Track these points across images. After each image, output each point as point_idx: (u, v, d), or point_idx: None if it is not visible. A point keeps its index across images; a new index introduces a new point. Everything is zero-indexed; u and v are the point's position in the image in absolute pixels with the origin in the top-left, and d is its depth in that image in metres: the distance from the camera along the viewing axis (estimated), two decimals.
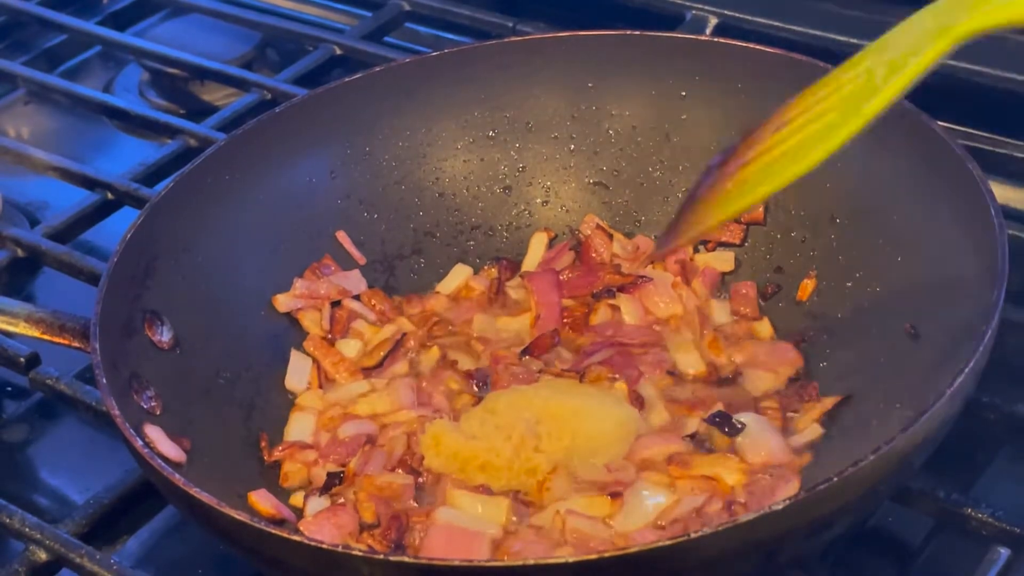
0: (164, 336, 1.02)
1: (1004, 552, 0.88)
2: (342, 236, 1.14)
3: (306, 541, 0.80)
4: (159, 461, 0.86)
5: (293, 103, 1.15)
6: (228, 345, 1.05)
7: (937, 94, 1.25)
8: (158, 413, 0.96)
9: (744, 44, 1.12)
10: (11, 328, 1.03)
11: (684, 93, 1.14)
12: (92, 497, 0.98)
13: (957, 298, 0.92)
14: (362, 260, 1.14)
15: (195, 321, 1.04)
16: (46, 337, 1.04)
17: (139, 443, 0.87)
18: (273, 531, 0.80)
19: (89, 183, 1.29)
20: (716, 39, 1.18)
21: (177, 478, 0.84)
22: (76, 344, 0.98)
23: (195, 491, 0.83)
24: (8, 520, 0.96)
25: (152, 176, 1.29)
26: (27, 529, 0.96)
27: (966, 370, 0.82)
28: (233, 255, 1.09)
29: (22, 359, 1.10)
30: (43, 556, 0.95)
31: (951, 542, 0.93)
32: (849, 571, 0.92)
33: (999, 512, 0.90)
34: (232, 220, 1.10)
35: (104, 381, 0.91)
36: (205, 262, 1.07)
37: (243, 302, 1.08)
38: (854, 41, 1.31)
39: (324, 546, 0.79)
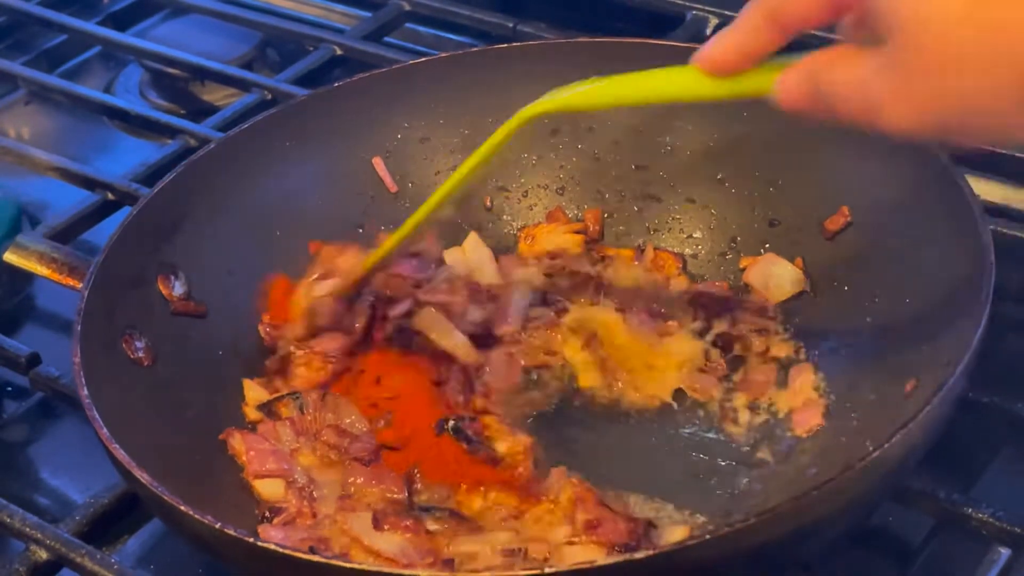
0: (177, 290, 1.03)
1: (1004, 552, 0.88)
2: (377, 162, 1.14)
3: (266, 546, 0.78)
4: (114, 444, 0.86)
5: (366, 77, 1.15)
6: (235, 320, 1.06)
7: None
8: (146, 364, 0.98)
9: None
10: (24, 264, 1.03)
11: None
12: (92, 497, 0.98)
13: (948, 298, 0.92)
14: (394, 188, 1.14)
15: (210, 287, 1.04)
16: (55, 277, 1.05)
17: (84, 391, 0.89)
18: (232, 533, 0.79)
19: (89, 183, 1.29)
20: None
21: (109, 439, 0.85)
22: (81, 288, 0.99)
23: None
24: (8, 520, 0.96)
25: (152, 176, 1.28)
26: (27, 528, 0.95)
27: (953, 376, 0.82)
28: (262, 225, 1.10)
29: (22, 359, 1.10)
30: (43, 556, 0.94)
31: (951, 542, 0.93)
32: (849, 571, 0.92)
33: (999, 512, 0.90)
34: (272, 190, 1.11)
35: (79, 328, 0.93)
36: (234, 230, 1.07)
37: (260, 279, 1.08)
38: None
39: (287, 551, 0.78)
